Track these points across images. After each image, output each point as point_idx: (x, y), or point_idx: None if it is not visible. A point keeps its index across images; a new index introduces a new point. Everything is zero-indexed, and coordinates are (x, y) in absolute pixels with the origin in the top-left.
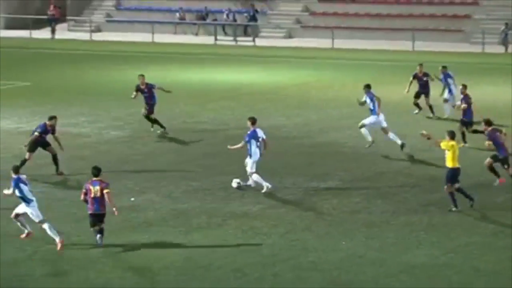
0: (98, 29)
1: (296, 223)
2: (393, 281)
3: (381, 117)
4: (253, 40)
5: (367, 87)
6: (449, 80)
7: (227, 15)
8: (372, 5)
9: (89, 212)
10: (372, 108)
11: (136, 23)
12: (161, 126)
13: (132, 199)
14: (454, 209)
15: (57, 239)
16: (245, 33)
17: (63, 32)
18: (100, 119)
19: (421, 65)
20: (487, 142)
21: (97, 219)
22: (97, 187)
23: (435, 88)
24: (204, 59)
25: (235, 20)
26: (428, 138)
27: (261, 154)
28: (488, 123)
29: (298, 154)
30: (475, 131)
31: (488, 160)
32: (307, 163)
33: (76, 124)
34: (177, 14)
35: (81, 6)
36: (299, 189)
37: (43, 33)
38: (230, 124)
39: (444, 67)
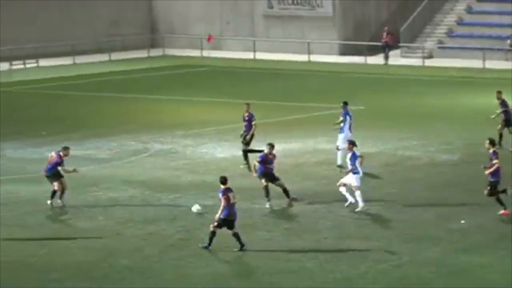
0: (430, 55)
1: None
2: None
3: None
4: None
5: (345, 103)
6: None
7: None
8: None
9: (228, 218)
10: (342, 125)
11: (467, 50)
12: (246, 161)
13: (463, 221)
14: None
15: None
16: None
17: (396, 58)
18: (431, 142)
19: (499, 92)
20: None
21: (232, 223)
22: (233, 194)
23: None
24: None
25: None
26: None
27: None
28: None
29: None
30: None
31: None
32: None
33: (407, 148)
34: (508, 41)
35: (414, 33)
36: None
37: (377, 59)
38: None
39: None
